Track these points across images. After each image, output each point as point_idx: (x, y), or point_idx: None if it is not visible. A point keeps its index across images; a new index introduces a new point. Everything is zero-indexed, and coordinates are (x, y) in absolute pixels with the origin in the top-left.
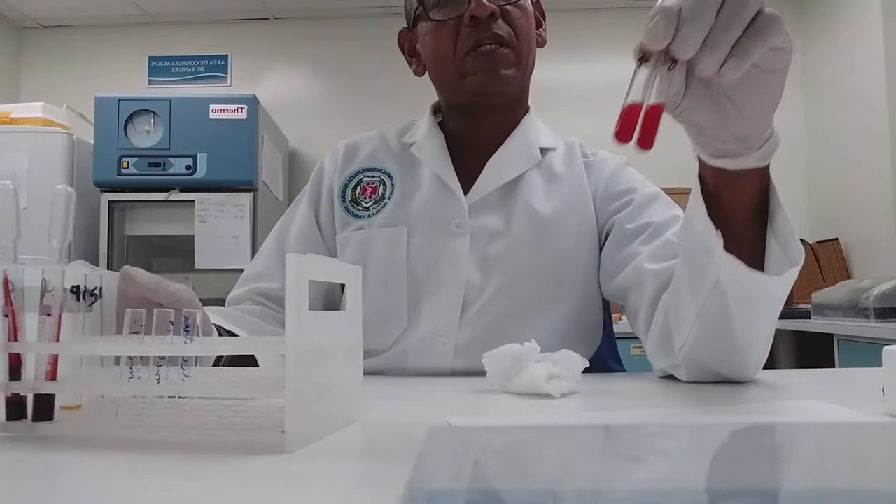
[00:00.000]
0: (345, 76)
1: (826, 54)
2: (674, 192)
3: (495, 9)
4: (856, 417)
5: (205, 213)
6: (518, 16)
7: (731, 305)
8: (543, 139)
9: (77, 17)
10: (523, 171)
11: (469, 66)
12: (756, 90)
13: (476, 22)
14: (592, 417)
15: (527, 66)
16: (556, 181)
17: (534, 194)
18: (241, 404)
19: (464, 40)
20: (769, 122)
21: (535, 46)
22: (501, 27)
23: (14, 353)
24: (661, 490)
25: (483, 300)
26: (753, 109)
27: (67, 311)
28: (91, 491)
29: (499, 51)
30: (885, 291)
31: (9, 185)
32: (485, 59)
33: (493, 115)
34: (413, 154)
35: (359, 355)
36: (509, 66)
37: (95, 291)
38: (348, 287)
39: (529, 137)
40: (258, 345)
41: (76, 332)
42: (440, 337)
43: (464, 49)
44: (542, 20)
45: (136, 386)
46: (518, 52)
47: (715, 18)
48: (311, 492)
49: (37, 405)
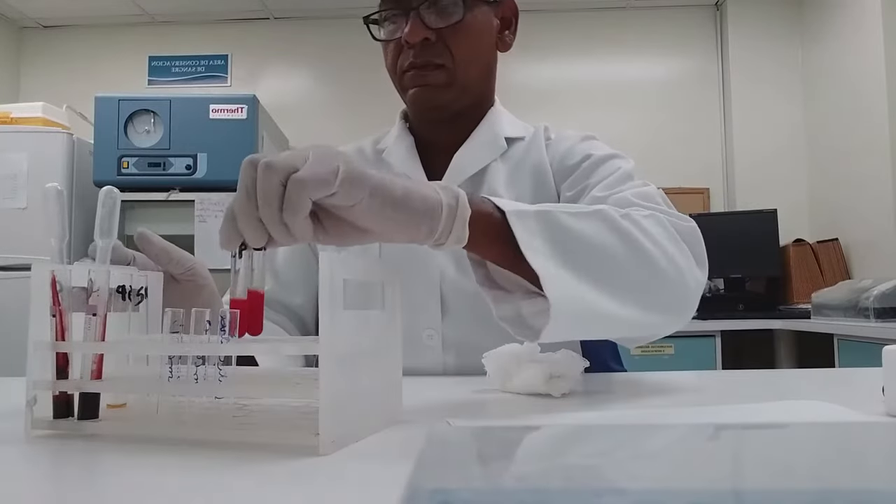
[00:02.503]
0: (345, 76)
1: (826, 54)
2: (674, 191)
3: (428, 34)
4: (856, 417)
5: (205, 213)
6: (456, 38)
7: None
8: (509, 129)
9: (77, 17)
10: (487, 162)
11: (406, 83)
12: (353, 222)
13: (410, 45)
14: (592, 417)
15: (465, 82)
16: (520, 167)
17: (498, 183)
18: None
19: (403, 60)
20: (414, 226)
21: (485, 57)
22: (436, 50)
23: (61, 353)
24: (661, 490)
25: (459, 289)
26: (378, 229)
27: (113, 311)
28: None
29: (431, 73)
30: (885, 291)
31: (56, 186)
32: (416, 79)
33: (446, 120)
34: (385, 159)
35: (398, 355)
36: (442, 85)
37: (141, 291)
38: (386, 285)
39: (494, 129)
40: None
41: (122, 331)
42: (427, 329)
43: (402, 67)
44: (513, 21)
45: (175, 385)
46: (452, 72)
47: (256, 206)
48: (311, 491)
49: (82, 403)
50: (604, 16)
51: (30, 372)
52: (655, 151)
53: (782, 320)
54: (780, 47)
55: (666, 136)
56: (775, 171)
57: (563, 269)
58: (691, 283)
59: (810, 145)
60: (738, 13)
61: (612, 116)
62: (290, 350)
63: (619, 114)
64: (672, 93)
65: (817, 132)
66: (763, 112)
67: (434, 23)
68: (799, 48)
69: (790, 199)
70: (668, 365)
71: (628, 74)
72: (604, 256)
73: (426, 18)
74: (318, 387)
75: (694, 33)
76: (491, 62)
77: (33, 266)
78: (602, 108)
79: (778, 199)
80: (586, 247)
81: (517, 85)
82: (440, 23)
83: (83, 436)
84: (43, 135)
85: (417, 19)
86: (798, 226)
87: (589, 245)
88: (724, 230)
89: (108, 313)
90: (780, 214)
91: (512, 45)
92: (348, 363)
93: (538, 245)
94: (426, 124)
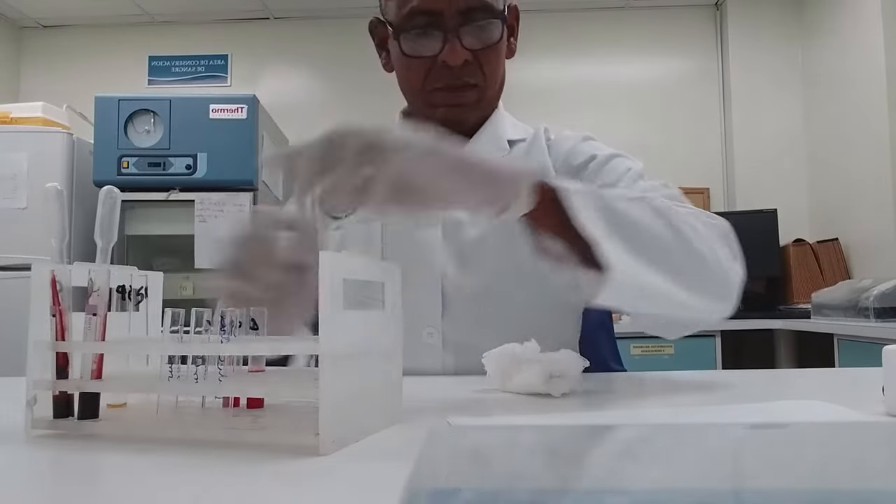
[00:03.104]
0: (345, 76)
1: (826, 54)
2: None
3: (469, 56)
4: (856, 417)
5: (205, 213)
6: (491, 59)
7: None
8: (511, 131)
9: (77, 17)
10: None
11: (435, 100)
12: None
13: (449, 66)
14: (592, 417)
15: (491, 99)
16: None
17: None
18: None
19: (434, 78)
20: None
21: (503, 70)
22: (471, 70)
23: (61, 352)
24: (661, 490)
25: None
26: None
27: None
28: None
29: (465, 93)
30: (885, 291)
31: (56, 186)
32: (451, 97)
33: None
34: None
35: (398, 356)
36: (474, 104)
37: (141, 291)
38: (387, 285)
39: (497, 132)
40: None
41: (122, 331)
42: (427, 328)
43: (433, 85)
44: (516, 27)
45: (175, 385)
46: (483, 91)
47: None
48: (311, 491)
49: (82, 403)
50: (604, 16)
51: (30, 372)
52: (655, 151)
53: (782, 320)
54: (780, 47)
55: (666, 136)
56: (775, 171)
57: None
58: (733, 275)
59: (810, 145)
60: (738, 13)
61: (612, 116)
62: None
63: (619, 114)
64: (672, 93)
65: (817, 132)
66: (763, 112)
67: (472, 44)
68: (799, 48)
69: (790, 199)
70: (668, 365)
71: (628, 74)
72: (651, 236)
73: (464, 39)
74: (318, 387)
75: (694, 33)
76: (503, 74)
77: (33, 266)
78: (602, 108)
79: (778, 199)
80: (635, 225)
81: (517, 85)
82: (478, 45)
83: (83, 436)
84: (43, 135)
85: (456, 40)
86: (798, 226)
87: (637, 224)
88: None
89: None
90: (780, 214)
91: (516, 50)
92: (348, 363)
93: (592, 216)
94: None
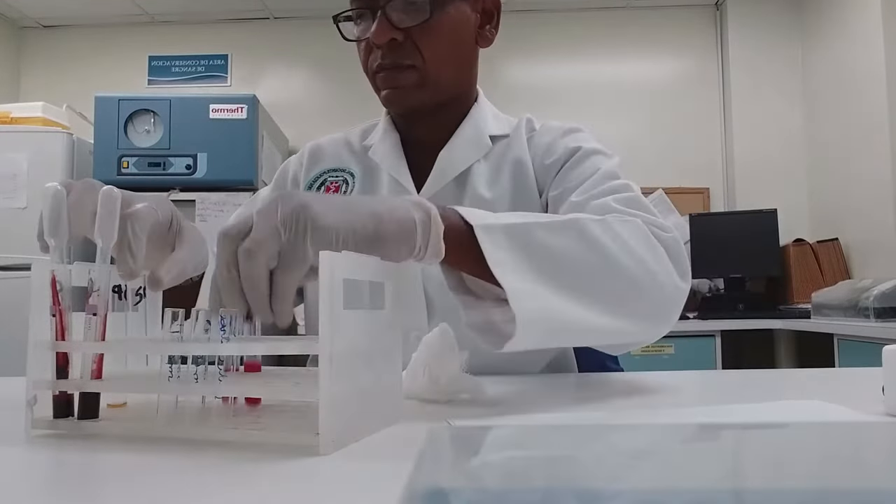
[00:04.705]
0: (345, 76)
1: (826, 54)
2: (674, 191)
3: (396, 35)
4: (856, 417)
5: (205, 212)
6: (426, 37)
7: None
8: (493, 126)
9: (77, 17)
10: (471, 163)
11: (378, 84)
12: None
13: (377, 46)
14: (592, 417)
15: (439, 82)
16: (501, 166)
17: (480, 182)
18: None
19: (372, 60)
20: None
21: (461, 54)
22: (405, 51)
23: (61, 352)
24: (661, 490)
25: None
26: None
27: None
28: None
29: (401, 74)
30: (885, 291)
31: (57, 186)
32: (388, 79)
33: (428, 117)
34: (371, 157)
35: (398, 355)
36: (413, 86)
37: (140, 291)
38: (388, 285)
39: (479, 126)
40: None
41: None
42: (414, 332)
43: (371, 69)
44: (495, 15)
45: (175, 385)
46: (424, 72)
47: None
48: (311, 491)
49: (82, 403)
50: (603, 15)
51: (30, 372)
52: (655, 151)
53: (782, 320)
54: (780, 47)
55: (666, 136)
56: (775, 171)
57: (530, 281)
58: (669, 289)
59: (810, 145)
60: (738, 13)
61: (612, 116)
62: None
63: (619, 114)
64: (672, 93)
65: (817, 132)
66: (763, 112)
67: (401, 22)
68: (799, 48)
69: (790, 199)
70: (667, 365)
71: (628, 74)
72: (574, 267)
73: (393, 18)
74: (318, 387)
75: (694, 33)
76: (469, 59)
77: (33, 266)
78: (602, 108)
79: (778, 199)
80: (556, 258)
81: (517, 85)
82: (407, 22)
83: (83, 436)
84: (43, 135)
85: (384, 19)
86: (798, 226)
87: (559, 257)
88: (724, 230)
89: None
90: (780, 214)
91: (494, 39)
92: (348, 363)
93: (505, 258)
94: (408, 122)
